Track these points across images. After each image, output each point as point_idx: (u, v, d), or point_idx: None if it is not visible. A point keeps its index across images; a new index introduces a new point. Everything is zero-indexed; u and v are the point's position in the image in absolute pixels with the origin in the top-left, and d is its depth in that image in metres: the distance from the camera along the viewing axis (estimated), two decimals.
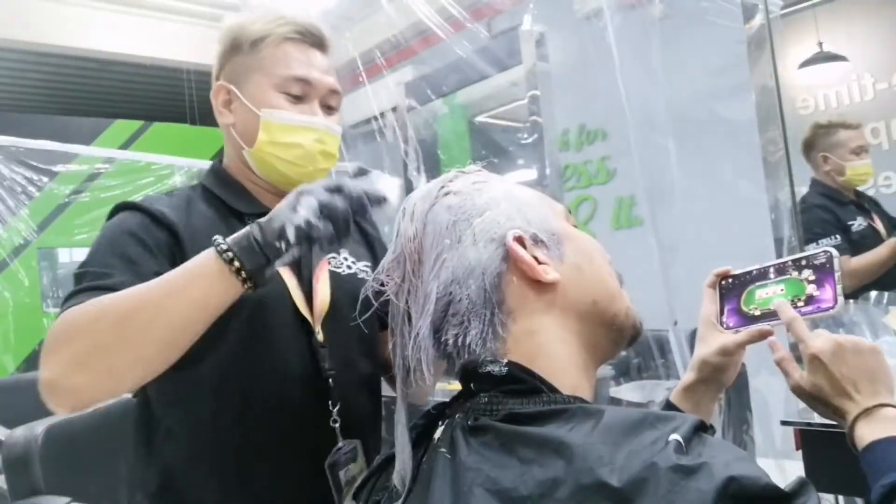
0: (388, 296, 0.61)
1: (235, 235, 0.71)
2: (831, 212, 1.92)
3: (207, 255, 0.70)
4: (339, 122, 0.97)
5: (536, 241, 0.61)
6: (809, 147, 1.98)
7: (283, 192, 0.90)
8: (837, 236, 1.86)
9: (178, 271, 0.71)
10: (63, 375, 0.67)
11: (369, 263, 1.02)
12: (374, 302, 0.62)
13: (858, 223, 1.93)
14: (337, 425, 0.87)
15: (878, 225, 1.99)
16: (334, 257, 0.98)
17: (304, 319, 0.88)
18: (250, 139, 0.91)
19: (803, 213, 1.66)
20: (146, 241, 0.82)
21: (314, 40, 0.94)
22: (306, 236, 0.68)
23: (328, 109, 0.95)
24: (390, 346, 0.62)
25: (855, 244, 1.87)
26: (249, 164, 0.93)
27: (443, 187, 0.64)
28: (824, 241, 1.85)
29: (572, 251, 0.63)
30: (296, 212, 0.68)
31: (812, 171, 2.08)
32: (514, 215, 0.62)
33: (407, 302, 0.60)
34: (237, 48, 0.93)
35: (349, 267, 0.98)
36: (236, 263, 0.68)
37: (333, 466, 0.86)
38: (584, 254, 0.63)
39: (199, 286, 0.69)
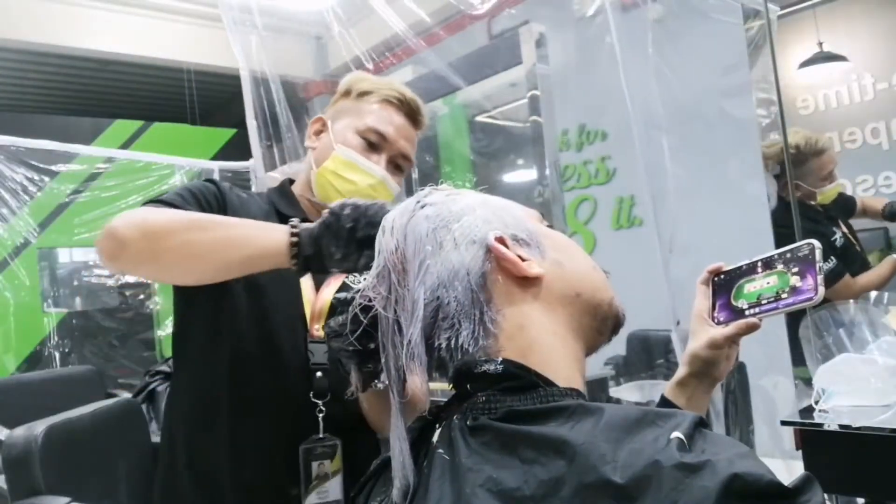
0: (375, 311, 0.62)
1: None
2: (817, 233, 1.92)
3: (281, 227, 0.80)
4: (401, 184, 1.09)
5: (517, 239, 0.63)
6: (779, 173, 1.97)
7: None
8: (833, 259, 1.88)
9: (250, 224, 0.84)
10: (130, 237, 0.80)
11: None
12: (362, 319, 0.63)
13: (838, 236, 1.96)
14: (321, 416, 0.94)
15: (846, 230, 2.02)
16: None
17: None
18: (320, 164, 1.06)
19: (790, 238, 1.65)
20: (208, 203, 0.96)
21: (409, 111, 1.09)
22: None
23: (395, 168, 1.08)
24: (382, 360, 0.62)
25: (841, 259, 1.90)
26: (311, 184, 1.08)
27: (418, 201, 0.66)
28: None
29: (551, 248, 0.64)
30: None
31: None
32: (491, 218, 0.64)
33: (396, 312, 0.61)
34: (348, 93, 1.11)
35: (365, 279, 1.03)
36: (294, 234, 0.78)
37: (308, 452, 0.93)
38: (563, 250, 0.65)
39: (258, 242, 0.80)
